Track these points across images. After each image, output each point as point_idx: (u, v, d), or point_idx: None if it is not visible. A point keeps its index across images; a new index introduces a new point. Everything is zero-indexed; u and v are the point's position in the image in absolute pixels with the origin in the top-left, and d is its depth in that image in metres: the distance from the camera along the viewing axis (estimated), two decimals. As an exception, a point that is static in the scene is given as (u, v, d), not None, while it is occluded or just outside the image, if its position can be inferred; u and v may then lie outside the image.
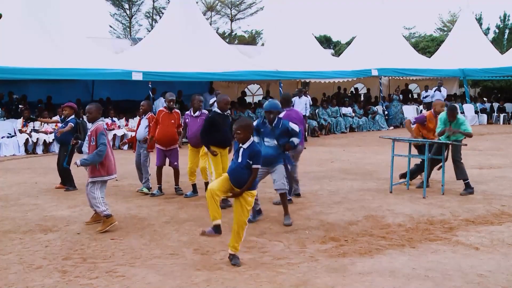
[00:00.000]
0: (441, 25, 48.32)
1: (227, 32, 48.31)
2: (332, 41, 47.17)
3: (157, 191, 8.50)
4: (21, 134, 14.14)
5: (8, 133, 14.12)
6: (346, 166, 11.35)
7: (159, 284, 4.74)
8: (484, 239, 5.96)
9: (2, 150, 13.82)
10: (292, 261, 5.29)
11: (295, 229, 6.45)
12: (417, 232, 6.26)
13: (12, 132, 14.33)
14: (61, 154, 9.13)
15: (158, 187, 8.54)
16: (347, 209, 7.37)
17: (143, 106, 8.89)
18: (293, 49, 19.27)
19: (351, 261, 5.27)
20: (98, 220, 6.61)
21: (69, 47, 15.15)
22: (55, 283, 4.78)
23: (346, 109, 20.26)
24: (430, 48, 32.60)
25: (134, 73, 14.78)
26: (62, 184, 9.11)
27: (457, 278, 4.76)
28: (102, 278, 4.89)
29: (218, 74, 16.46)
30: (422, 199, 7.97)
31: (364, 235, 6.18)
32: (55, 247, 5.82)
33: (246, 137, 5.18)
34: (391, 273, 4.90)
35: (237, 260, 5.20)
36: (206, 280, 4.80)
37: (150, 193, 8.53)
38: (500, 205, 7.52)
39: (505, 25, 36.68)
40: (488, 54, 23.65)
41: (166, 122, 8.43)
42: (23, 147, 14.05)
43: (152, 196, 8.42)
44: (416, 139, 8.67)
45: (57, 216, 7.17)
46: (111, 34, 45.70)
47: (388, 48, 21.66)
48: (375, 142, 15.11)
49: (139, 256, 5.49)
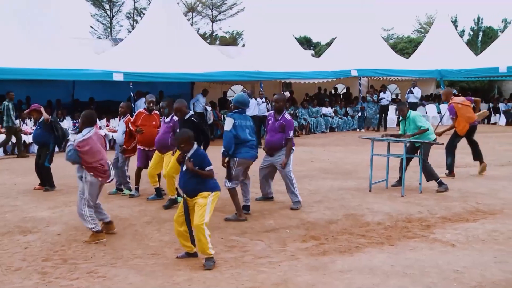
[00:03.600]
0: (418, 27, 48.91)
1: (208, 33, 48.18)
2: (312, 42, 47.37)
3: (135, 192, 8.43)
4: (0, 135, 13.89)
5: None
6: (326, 165, 11.41)
7: (140, 284, 4.71)
8: (460, 236, 6.04)
9: (-17, 151, 13.57)
10: (273, 260, 5.30)
11: (276, 228, 6.46)
12: (396, 230, 6.32)
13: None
14: (42, 154, 9.00)
15: (136, 188, 8.45)
16: (327, 208, 7.41)
17: (122, 108, 8.74)
18: (273, 50, 19.28)
19: (331, 259, 5.29)
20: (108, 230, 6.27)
21: (49, 47, 14.91)
22: (34, 285, 4.71)
23: (326, 109, 20.36)
24: (408, 49, 33.01)
25: (115, 74, 14.62)
26: (41, 185, 8.97)
27: (434, 274, 4.82)
28: (83, 279, 4.83)
29: (199, 75, 16.39)
30: (401, 197, 8.05)
31: (344, 234, 6.22)
32: (35, 249, 5.73)
33: (189, 148, 5.24)
34: (371, 271, 4.94)
35: (209, 263, 5.07)
36: (188, 280, 4.77)
37: (129, 194, 8.44)
38: (475, 202, 7.63)
39: (479, 28, 37.33)
40: (464, 56, 24.01)
41: (147, 124, 8.35)
42: (2, 148, 13.79)
43: (131, 197, 8.33)
44: (395, 139, 8.75)
45: (37, 217, 7.06)
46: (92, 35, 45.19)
47: (367, 49, 21.80)
48: (355, 142, 15.22)
49: (121, 257, 5.44)
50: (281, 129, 7.36)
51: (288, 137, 7.34)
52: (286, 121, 7.38)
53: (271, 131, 7.51)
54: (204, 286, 4.63)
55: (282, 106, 7.54)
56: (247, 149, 6.89)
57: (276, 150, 7.43)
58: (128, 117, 8.61)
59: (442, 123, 19.95)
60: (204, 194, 5.16)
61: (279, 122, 7.39)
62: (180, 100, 7.59)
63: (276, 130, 7.41)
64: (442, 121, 19.36)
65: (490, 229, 6.28)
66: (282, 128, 7.35)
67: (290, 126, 7.38)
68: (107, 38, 41.38)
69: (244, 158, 6.87)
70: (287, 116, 7.47)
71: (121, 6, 46.39)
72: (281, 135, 7.37)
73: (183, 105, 7.40)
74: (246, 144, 6.87)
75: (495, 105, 22.67)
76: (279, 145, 7.39)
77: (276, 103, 7.57)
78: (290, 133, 7.36)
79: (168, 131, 7.83)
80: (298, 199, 7.45)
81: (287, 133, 7.34)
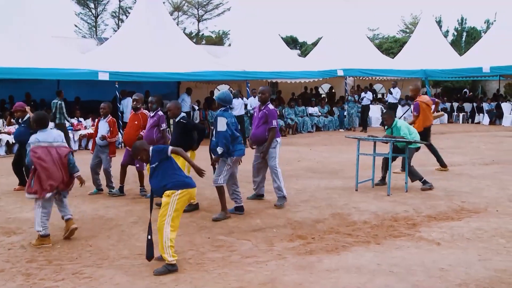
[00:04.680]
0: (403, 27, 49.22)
1: (194, 33, 48.01)
2: (298, 42, 47.48)
3: (116, 190, 8.36)
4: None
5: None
6: (313, 165, 11.44)
7: (127, 284, 4.67)
8: (445, 234, 6.10)
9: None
10: (260, 259, 5.29)
11: (263, 228, 6.46)
12: (382, 229, 6.36)
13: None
14: (22, 154, 8.83)
15: (120, 186, 8.38)
16: (314, 207, 7.43)
17: (104, 109, 8.60)
18: (260, 50, 19.30)
19: (318, 259, 5.31)
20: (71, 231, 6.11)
21: (33, 46, 14.74)
22: (18, 287, 4.65)
23: (313, 108, 20.41)
24: (393, 49, 33.26)
25: (101, 73, 14.50)
26: (21, 185, 8.82)
27: (420, 272, 4.85)
28: (68, 280, 4.78)
29: (186, 74, 16.33)
30: (387, 196, 8.10)
31: (330, 233, 6.24)
32: (19, 250, 5.67)
33: (147, 156, 5.20)
34: (357, 269, 4.96)
35: (159, 269, 4.90)
36: (175, 280, 4.75)
37: (109, 192, 8.37)
38: (460, 201, 7.71)
39: (463, 28, 37.77)
40: (448, 56, 24.25)
41: (130, 123, 8.34)
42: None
43: (111, 195, 8.26)
44: (380, 138, 8.80)
45: (21, 218, 6.97)
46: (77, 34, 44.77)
47: (353, 49, 21.91)
48: (341, 142, 15.29)
49: (107, 257, 5.40)
50: (265, 119, 7.38)
51: (271, 126, 7.36)
52: (269, 111, 7.39)
53: (255, 123, 7.57)
54: (191, 286, 4.61)
55: (267, 98, 7.55)
56: (240, 146, 6.96)
57: (261, 142, 7.45)
58: (110, 118, 8.54)
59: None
60: (167, 193, 5.06)
61: (262, 111, 7.43)
62: (175, 101, 7.62)
63: (259, 121, 7.43)
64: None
65: (475, 227, 6.35)
66: (266, 119, 7.37)
67: (273, 115, 7.39)
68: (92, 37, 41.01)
69: (239, 155, 6.94)
70: (270, 106, 7.49)
71: (106, 5, 45.99)
72: (265, 127, 7.39)
73: (175, 107, 7.44)
74: (237, 141, 6.93)
75: (479, 105, 22.95)
76: (263, 136, 7.41)
77: (262, 94, 7.54)
78: (273, 122, 7.37)
79: (152, 126, 7.79)
80: (283, 194, 7.44)
81: (270, 123, 7.35)
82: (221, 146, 6.69)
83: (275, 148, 7.46)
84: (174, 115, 7.43)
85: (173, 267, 4.93)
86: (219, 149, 6.68)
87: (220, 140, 6.70)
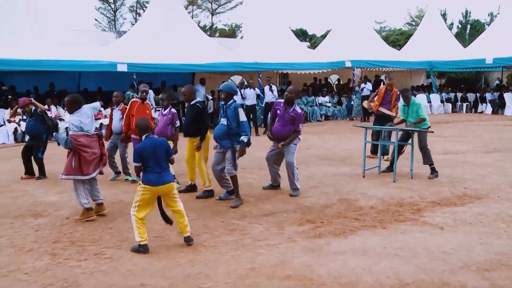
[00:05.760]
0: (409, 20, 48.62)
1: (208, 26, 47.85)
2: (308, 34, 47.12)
3: (137, 178, 8.41)
4: (10, 124, 13.87)
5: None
6: (322, 152, 11.41)
7: (145, 265, 4.73)
8: (449, 219, 6.07)
9: (-9, 139, 13.59)
10: (271, 243, 5.32)
11: (274, 212, 6.48)
12: (388, 214, 6.34)
13: (1, 121, 14.05)
14: (34, 145, 8.88)
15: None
16: (323, 193, 7.42)
17: (117, 97, 8.62)
18: (271, 42, 19.18)
19: (326, 242, 5.32)
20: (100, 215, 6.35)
21: (55, 39, 14.86)
22: (45, 265, 4.73)
23: (324, 98, 20.27)
24: (399, 41, 32.91)
25: (119, 65, 14.57)
26: (28, 174, 8.86)
27: (423, 255, 4.85)
28: (91, 260, 4.85)
29: (200, 66, 16.33)
30: (393, 183, 8.07)
31: (338, 217, 6.24)
32: (45, 231, 5.75)
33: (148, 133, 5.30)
34: (364, 252, 4.96)
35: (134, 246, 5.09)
36: (190, 261, 4.80)
37: (131, 179, 8.43)
38: (463, 187, 7.66)
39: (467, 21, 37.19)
40: (453, 48, 23.97)
41: (140, 112, 8.32)
42: (13, 136, 13.80)
43: (133, 182, 8.33)
44: (387, 127, 8.75)
45: (46, 202, 7.07)
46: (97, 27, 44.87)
47: (360, 41, 21.72)
48: (349, 130, 15.24)
49: (126, 239, 5.46)
50: (291, 121, 7.26)
51: (298, 130, 7.32)
52: (297, 115, 7.27)
53: (280, 121, 7.33)
54: (205, 267, 4.65)
55: (294, 98, 7.38)
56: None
57: (283, 140, 7.30)
58: (122, 106, 8.58)
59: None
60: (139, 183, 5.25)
61: (290, 115, 7.25)
62: (189, 85, 7.58)
63: (286, 121, 7.27)
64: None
65: (477, 212, 6.32)
66: (293, 121, 7.26)
67: (300, 120, 7.32)
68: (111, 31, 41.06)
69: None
70: (298, 109, 7.33)
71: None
72: (291, 128, 7.27)
73: (190, 91, 7.40)
74: None
75: (482, 95, 22.65)
76: (287, 136, 7.29)
77: (289, 93, 7.36)
78: (300, 126, 7.32)
79: (167, 123, 7.77)
80: (297, 187, 7.40)
81: (296, 126, 7.29)
82: (248, 135, 6.68)
83: (296, 145, 7.39)
84: (189, 99, 7.37)
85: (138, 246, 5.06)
86: (245, 137, 6.64)
87: (246, 129, 6.67)
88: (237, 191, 6.88)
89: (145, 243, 5.06)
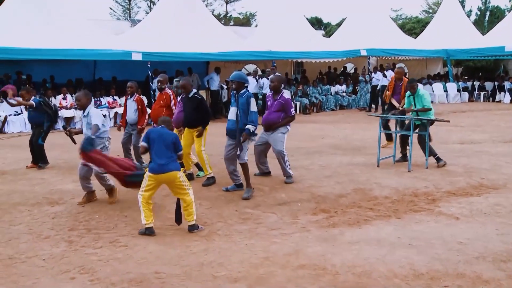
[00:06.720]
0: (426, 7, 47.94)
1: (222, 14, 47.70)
2: (323, 22, 46.76)
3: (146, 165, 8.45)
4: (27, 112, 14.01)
5: (15, 111, 13.98)
6: (336, 142, 11.35)
7: (159, 253, 4.78)
8: (464, 209, 6.01)
9: (9, 127, 13.78)
10: (285, 232, 5.33)
11: (288, 202, 6.48)
12: (402, 204, 6.31)
13: (18, 110, 14.20)
14: (36, 132, 8.99)
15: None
16: (337, 183, 7.40)
17: (131, 88, 8.56)
18: (285, 30, 19.05)
19: (340, 231, 5.31)
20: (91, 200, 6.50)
21: (70, 28, 14.92)
22: (62, 252, 4.81)
23: (340, 87, 20.08)
24: (416, 30, 32.43)
25: (134, 54, 14.57)
26: (34, 163, 8.90)
27: (439, 246, 4.82)
28: (106, 248, 4.92)
29: (214, 55, 16.28)
30: (407, 172, 8.01)
31: (352, 207, 6.23)
32: (62, 219, 5.84)
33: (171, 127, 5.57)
34: (378, 242, 4.95)
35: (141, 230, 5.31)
36: (204, 250, 4.83)
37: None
38: (479, 177, 7.57)
39: (486, 8, 36.51)
40: (470, 36, 23.52)
41: (157, 101, 8.39)
42: (30, 125, 13.94)
43: None
44: (403, 117, 8.66)
45: (63, 190, 7.16)
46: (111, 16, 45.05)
47: (376, 29, 21.42)
48: (363, 119, 15.13)
49: (141, 227, 5.51)
50: (281, 108, 7.28)
51: (291, 115, 7.35)
52: (285, 100, 7.31)
53: (269, 110, 7.43)
54: (219, 256, 4.68)
55: (278, 86, 7.38)
56: None
57: (273, 128, 7.34)
58: (137, 96, 8.56)
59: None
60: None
61: (278, 101, 7.31)
62: (186, 78, 7.59)
63: (275, 109, 7.31)
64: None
65: (493, 203, 6.25)
66: (282, 107, 7.28)
67: (290, 105, 7.35)
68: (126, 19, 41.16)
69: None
70: (286, 95, 7.40)
71: (139, -12, 46.07)
72: (279, 114, 7.29)
73: (188, 84, 7.53)
74: None
75: (500, 84, 22.27)
76: (277, 122, 7.31)
77: (271, 82, 7.46)
78: (291, 111, 7.36)
79: (181, 110, 7.82)
80: (290, 174, 7.42)
81: (289, 112, 7.31)
82: (255, 125, 6.68)
83: (284, 134, 7.37)
84: (188, 91, 7.47)
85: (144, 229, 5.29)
86: (252, 127, 6.64)
87: (254, 119, 6.67)
88: (248, 180, 6.87)
89: (150, 226, 5.22)
